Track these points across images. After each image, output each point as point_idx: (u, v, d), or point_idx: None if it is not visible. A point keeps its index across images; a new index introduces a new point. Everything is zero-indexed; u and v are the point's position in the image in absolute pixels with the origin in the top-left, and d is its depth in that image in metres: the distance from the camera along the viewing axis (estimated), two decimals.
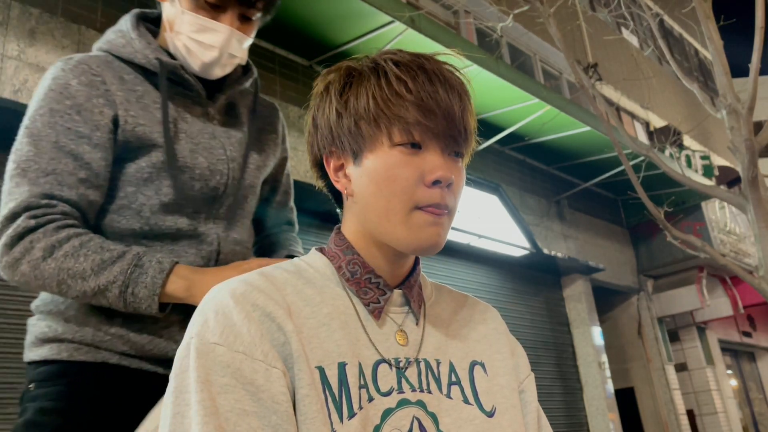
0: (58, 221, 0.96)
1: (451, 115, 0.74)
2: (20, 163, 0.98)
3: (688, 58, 13.09)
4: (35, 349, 1.05)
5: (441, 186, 0.74)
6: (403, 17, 4.43)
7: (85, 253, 0.94)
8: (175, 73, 1.09)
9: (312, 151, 0.82)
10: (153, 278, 0.93)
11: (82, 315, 1.02)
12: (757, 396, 11.61)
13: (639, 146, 4.27)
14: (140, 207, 1.04)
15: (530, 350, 6.44)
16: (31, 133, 0.99)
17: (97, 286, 0.93)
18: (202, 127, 1.11)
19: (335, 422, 0.67)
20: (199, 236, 1.08)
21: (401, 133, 0.73)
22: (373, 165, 0.74)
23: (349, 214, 0.80)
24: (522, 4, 4.95)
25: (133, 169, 1.04)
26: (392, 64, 0.75)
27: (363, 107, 0.74)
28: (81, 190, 0.99)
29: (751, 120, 3.71)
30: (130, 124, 1.03)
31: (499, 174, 6.61)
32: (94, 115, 1.01)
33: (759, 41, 3.58)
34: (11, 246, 0.94)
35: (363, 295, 0.77)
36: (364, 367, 0.72)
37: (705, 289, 8.43)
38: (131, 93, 1.05)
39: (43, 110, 1.00)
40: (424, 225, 0.74)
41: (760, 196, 3.67)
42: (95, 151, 1.00)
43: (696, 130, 10.79)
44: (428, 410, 0.74)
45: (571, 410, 6.70)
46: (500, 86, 5.40)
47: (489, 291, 6.35)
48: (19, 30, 3.41)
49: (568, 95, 8.29)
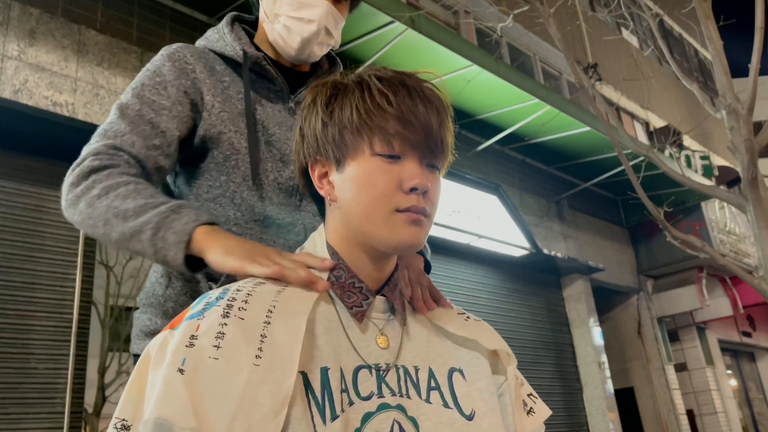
0: (122, 167, 0.99)
1: (429, 129, 0.79)
2: (104, 126, 1.04)
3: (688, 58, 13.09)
4: (140, 342, 1.09)
5: (417, 193, 0.78)
6: (403, 17, 4.44)
7: (134, 197, 0.93)
8: (258, 65, 1.14)
9: (298, 159, 0.87)
10: (185, 225, 0.89)
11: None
12: (757, 396, 11.61)
13: (639, 146, 4.27)
14: (233, 194, 1.08)
15: (530, 350, 6.48)
16: (120, 104, 1.06)
17: (134, 226, 0.91)
18: (281, 119, 1.15)
19: (318, 424, 0.69)
20: (287, 226, 1.10)
21: (382, 143, 0.78)
22: (354, 172, 0.79)
23: (332, 218, 0.84)
24: (522, 4, 4.95)
25: (221, 157, 1.08)
26: (375, 80, 0.80)
27: (347, 118, 0.79)
28: (152, 152, 1.03)
29: (750, 120, 3.71)
30: (217, 108, 1.09)
31: (499, 174, 6.61)
32: (178, 94, 1.08)
33: (759, 41, 3.58)
34: (76, 185, 0.97)
35: (347, 299, 0.80)
36: (345, 373, 0.74)
37: (705, 289, 8.43)
38: (219, 83, 1.12)
39: (136, 85, 1.08)
40: (403, 224, 0.78)
41: (759, 196, 3.67)
42: (172, 121, 1.06)
43: (696, 130, 10.79)
44: (408, 414, 0.76)
45: (571, 410, 6.70)
46: (500, 86, 5.40)
47: (489, 291, 6.36)
48: (19, 30, 3.41)
49: (568, 95, 8.29)
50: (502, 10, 5.32)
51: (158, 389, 0.64)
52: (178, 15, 4.21)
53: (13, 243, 3.33)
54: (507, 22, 4.74)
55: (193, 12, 4.28)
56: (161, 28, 4.08)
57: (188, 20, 4.24)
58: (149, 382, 0.67)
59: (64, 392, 3.27)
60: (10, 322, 3.21)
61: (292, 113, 1.17)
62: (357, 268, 0.81)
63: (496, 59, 5.46)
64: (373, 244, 0.79)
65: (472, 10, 7.15)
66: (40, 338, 3.28)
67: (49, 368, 3.27)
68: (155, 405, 0.63)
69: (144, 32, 3.99)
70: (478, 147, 6.23)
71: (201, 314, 0.70)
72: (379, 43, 4.65)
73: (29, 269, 3.35)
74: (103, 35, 3.78)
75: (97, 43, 3.73)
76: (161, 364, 0.67)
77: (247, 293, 0.74)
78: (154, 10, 4.09)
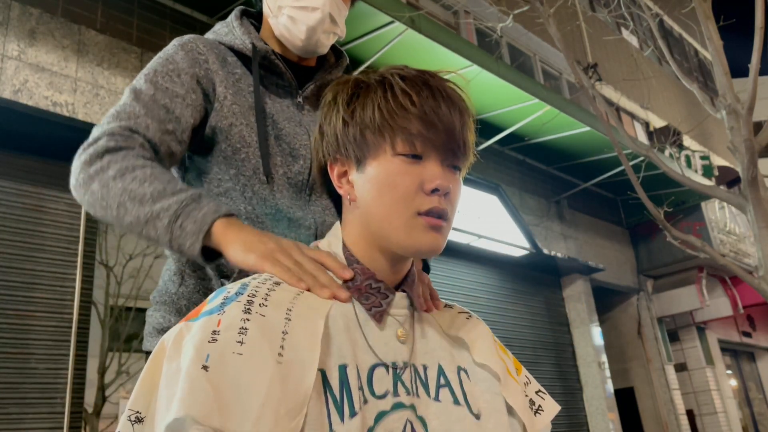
0: (138, 149, 0.97)
1: (452, 130, 0.78)
2: (117, 108, 1.03)
3: (687, 59, 13.09)
4: (152, 339, 1.08)
5: (439, 194, 0.77)
6: (403, 17, 4.44)
7: (152, 181, 0.92)
8: (267, 59, 1.14)
9: (317, 158, 0.86)
10: (204, 215, 0.88)
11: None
12: (757, 396, 11.61)
13: (639, 146, 4.27)
14: (243, 188, 1.07)
15: (530, 350, 6.47)
16: (134, 88, 1.05)
17: (151, 211, 0.89)
18: (290, 114, 1.15)
19: (335, 423, 0.68)
20: (297, 220, 1.09)
21: (404, 144, 0.77)
22: (375, 172, 0.78)
23: (350, 218, 0.83)
24: (522, 4, 4.95)
25: (230, 150, 1.08)
26: (398, 79, 0.79)
27: (369, 117, 0.78)
28: (166, 137, 1.02)
29: (750, 120, 3.71)
30: (229, 101, 1.09)
31: (499, 174, 6.61)
32: (192, 82, 1.08)
33: (759, 41, 3.58)
34: (90, 164, 0.95)
35: (364, 301, 0.79)
36: (361, 371, 0.73)
37: (705, 289, 8.44)
38: (231, 75, 1.12)
39: (149, 71, 1.08)
40: (424, 229, 0.77)
41: (759, 196, 3.67)
42: (186, 109, 1.05)
43: (696, 130, 10.79)
44: (417, 414, 0.75)
45: (571, 410, 6.70)
46: (500, 86, 5.40)
47: (489, 291, 6.36)
48: (19, 30, 3.41)
49: (568, 95, 8.29)
50: (502, 10, 5.33)
51: (182, 387, 0.62)
52: (178, 15, 4.21)
53: (13, 243, 3.33)
54: (507, 22, 4.74)
55: (193, 12, 4.28)
56: (161, 28, 4.08)
57: (188, 20, 4.24)
58: (164, 373, 0.66)
59: (64, 392, 3.27)
60: (10, 322, 3.21)
61: (299, 108, 1.17)
62: (374, 267, 0.81)
63: (496, 59, 5.45)
64: (392, 248, 0.79)
65: (472, 10, 7.15)
66: (40, 338, 3.28)
67: (49, 368, 3.27)
68: (180, 404, 0.61)
69: (144, 32, 3.99)
70: (478, 147, 6.20)
71: (221, 309, 0.69)
72: (379, 43, 4.65)
73: (29, 269, 3.35)
74: (103, 35, 3.78)
75: (97, 43, 3.73)
76: (177, 357, 0.65)
77: (266, 291, 0.73)
78: (154, 10, 4.09)
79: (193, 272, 1.07)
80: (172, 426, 0.61)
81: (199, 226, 0.87)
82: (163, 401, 0.63)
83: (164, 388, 0.64)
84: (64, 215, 3.53)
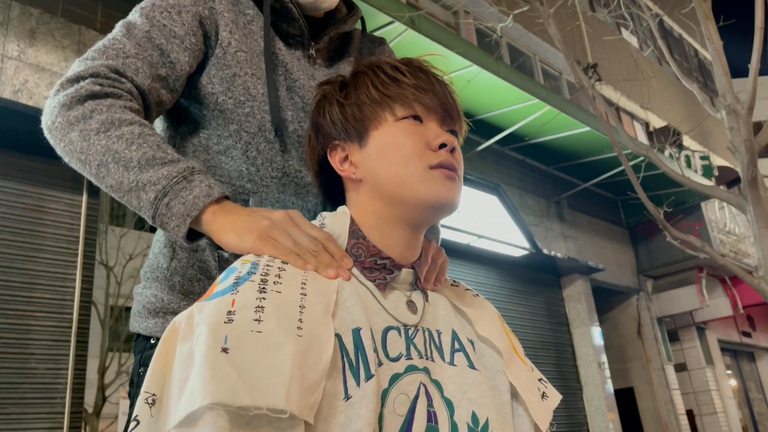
0: (125, 99, 0.87)
1: (444, 96, 0.84)
2: (105, 42, 0.93)
3: (687, 59, 13.09)
4: (141, 320, 0.99)
5: (446, 149, 0.80)
6: (403, 17, 4.44)
7: (140, 144, 0.83)
8: (280, 1, 1.02)
9: (312, 156, 0.87)
10: (195, 198, 0.81)
11: (188, 281, 0.96)
12: (757, 396, 11.62)
13: (638, 146, 4.27)
14: (246, 146, 0.96)
15: (530, 350, 6.43)
16: (127, 22, 0.95)
17: (136, 181, 0.81)
18: (302, 67, 1.04)
19: (351, 388, 0.68)
20: (306, 186, 0.99)
21: (403, 108, 0.81)
22: (381, 140, 0.81)
23: (356, 197, 0.83)
24: (522, 4, 4.95)
25: (231, 103, 0.96)
26: (386, 63, 0.86)
27: (365, 94, 0.83)
28: (156, 84, 0.92)
29: (750, 120, 3.71)
30: (233, 47, 0.98)
31: (499, 174, 6.61)
32: (193, 22, 0.96)
33: (759, 41, 3.58)
34: (69, 107, 0.85)
35: (368, 274, 0.79)
36: (375, 333, 0.74)
37: (705, 289, 8.44)
38: (241, 16, 1.02)
39: (145, 5, 0.97)
40: (441, 179, 0.79)
41: (759, 197, 3.67)
42: (183, 53, 0.94)
43: (695, 131, 10.79)
44: (432, 377, 0.76)
45: (571, 410, 6.70)
46: (500, 86, 5.40)
47: (489, 291, 6.36)
48: (19, 30, 3.41)
49: (568, 95, 8.29)
50: (502, 10, 5.33)
51: (204, 373, 0.59)
52: None
53: (13, 243, 3.33)
54: (507, 22, 4.74)
55: None
56: None
57: None
58: (177, 354, 0.64)
59: (64, 392, 3.27)
60: (10, 322, 3.21)
61: (312, 62, 1.06)
62: (385, 244, 0.80)
63: (496, 59, 5.46)
64: (410, 208, 0.79)
65: (472, 10, 7.15)
66: (40, 338, 3.28)
67: (49, 368, 3.27)
68: (205, 391, 0.58)
69: None
70: (478, 147, 6.23)
71: (234, 288, 0.68)
72: None
73: (29, 269, 3.35)
74: (103, 35, 3.77)
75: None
76: (190, 338, 0.64)
77: (278, 268, 0.73)
78: None
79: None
80: (205, 414, 0.59)
81: (188, 209, 0.80)
82: (176, 383, 0.62)
83: (178, 370, 0.63)
84: (64, 215, 3.53)
